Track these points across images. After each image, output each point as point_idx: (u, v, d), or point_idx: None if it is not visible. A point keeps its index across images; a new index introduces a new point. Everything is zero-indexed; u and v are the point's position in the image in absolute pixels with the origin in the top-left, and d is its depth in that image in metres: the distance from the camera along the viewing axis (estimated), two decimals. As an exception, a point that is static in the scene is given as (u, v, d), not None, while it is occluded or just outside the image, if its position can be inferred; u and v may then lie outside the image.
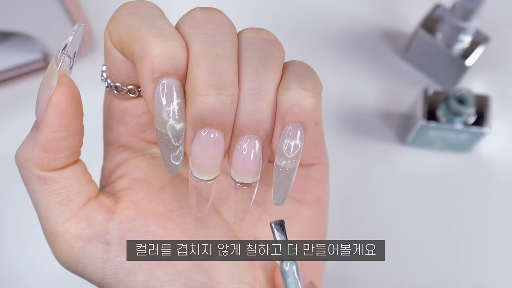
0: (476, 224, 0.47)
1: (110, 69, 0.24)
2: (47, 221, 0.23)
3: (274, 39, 0.24)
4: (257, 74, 0.22)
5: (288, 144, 0.22)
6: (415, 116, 0.46)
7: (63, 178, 0.23)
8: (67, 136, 0.22)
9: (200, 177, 0.22)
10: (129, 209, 0.24)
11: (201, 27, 0.22)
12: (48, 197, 0.23)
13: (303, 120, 0.22)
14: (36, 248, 0.45)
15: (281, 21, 0.53)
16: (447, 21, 0.45)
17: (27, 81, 0.50)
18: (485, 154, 0.49)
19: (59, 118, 0.22)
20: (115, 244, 0.23)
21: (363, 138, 0.49)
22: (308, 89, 0.22)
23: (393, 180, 0.48)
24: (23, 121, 0.49)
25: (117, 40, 0.23)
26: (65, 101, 0.22)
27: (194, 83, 0.21)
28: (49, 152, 0.22)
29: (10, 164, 0.48)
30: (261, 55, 0.23)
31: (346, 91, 0.50)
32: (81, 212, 0.23)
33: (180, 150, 0.22)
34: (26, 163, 0.23)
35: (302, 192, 0.28)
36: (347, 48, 0.52)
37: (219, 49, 0.22)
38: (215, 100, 0.21)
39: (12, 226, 0.46)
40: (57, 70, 0.22)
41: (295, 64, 0.24)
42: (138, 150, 0.26)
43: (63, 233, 0.23)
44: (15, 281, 0.45)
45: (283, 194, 0.23)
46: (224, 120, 0.21)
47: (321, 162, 0.28)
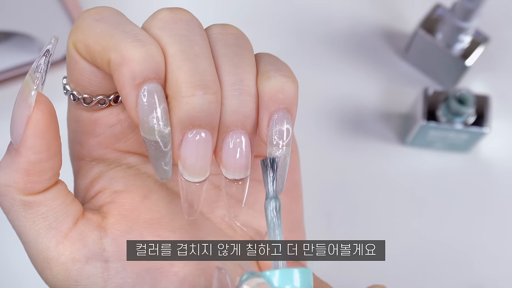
0: (476, 224, 0.47)
1: (77, 80, 0.22)
2: (37, 247, 0.22)
3: (241, 33, 0.24)
4: (236, 69, 0.22)
5: (278, 131, 0.22)
6: (415, 116, 0.46)
7: (49, 200, 0.22)
8: (49, 157, 0.21)
9: (192, 180, 0.22)
10: (119, 223, 0.24)
11: (172, 28, 0.22)
12: (36, 222, 0.22)
13: (288, 105, 0.22)
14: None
15: (281, 21, 0.53)
16: (447, 21, 0.45)
17: (27, 81, 0.50)
18: (485, 154, 0.49)
19: (41, 138, 0.21)
20: (114, 261, 0.23)
21: (363, 138, 0.49)
22: (287, 75, 0.23)
23: (393, 180, 0.48)
24: (23, 121, 0.49)
25: (85, 50, 0.21)
26: (44, 120, 0.21)
27: (178, 85, 0.21)
28: (32, 175, 0.21)
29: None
30: (235, 50, 0.23)
31: (346, 91, 0.50)
32: (73, 232, 0.22)
33: (169, 155, 0.22)
34: (7, 189, 0.22)
35: None
36: (347, 48, 0.52)
37: (196, 48, 0.21)
38: (202, 100, 0.21)
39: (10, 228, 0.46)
40: (34, 88, 0.21)
41: (266, 55, 0.24)
42: (113, 162, 0.25)
43: (57, 257, 0.22)
44: (12, 282, 0.45)
45: (281, 183, 0.23)
46: (211, 119, 0.21)
47: (292, 149, 0.27)
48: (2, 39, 0.48)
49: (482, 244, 0.46)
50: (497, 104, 0.48)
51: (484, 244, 0.46)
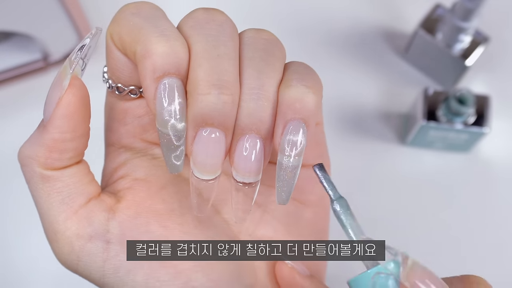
0: (477, 224, 0.47)
1: (112, 70, 0.24)
2: (48, 219, 0.23)
3: (275, 39, 0.24)
4: (259, 74, 0.22)
5: (291, 141, 0.22)
6: (415, 116, 0.46)
7: (66, 177, 0.23)
8: (74, 138, 0.22)
9: (201, 177, 0.22)
10: (130, 208, 0.24)
11: (203, 27, 0.22)
12: (50, 195, 0.23)
13: (305, 116, 0.22)
14: (36, 248, 0.45)
15: (281, 21, 0.53)
16: (447, 21, 0.45)
17: (27, 81, 0.50)
18: (485, 154, 0.49)
19: (68, 119, 0.22)
20: (116, 243, 0.23)
21: (363, 137, 0.49)
22: (309, 86, 0.22)
23: (393, 180, 0.48)
24: (23, 121, 0.49)
25: (119, 41, 0.22)
26: (74, 103, 0.22)
27: (196, 82, 0.21)
28: (54, 152, 0.22)
29: (10, 163, 0.48)
30: (262, 55, 0.23)
31: (346, 90, 0.50)
32: (82, 210, 0.23)
33: (181, 149, 0.22)
34: (29, 161, 0.23)
35: (304, 192, 0.28)
36: (347, 48, 0.52)
37: (221, 49, 0.22)
38: (216, 99, 0.21)
39: (12, 226, 0.46)
40: (70, 72, 0.22)
41: (296, 64, 0.24)
42: (139, 151, 0.26)
43: (63, 231, 0.23)
44: (15, 281, 0.45)
45: (287, 193, 0.23)
46: (225, 119, 0.21)
47: (322, 162, 0.28)
48: (2, 39, 0.48)
49: (483, 243, 0.46)
50: (497, 103, 0.48)
51: (485, 243, 0.46)
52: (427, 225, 0.46)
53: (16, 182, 0.48)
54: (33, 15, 0.44)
